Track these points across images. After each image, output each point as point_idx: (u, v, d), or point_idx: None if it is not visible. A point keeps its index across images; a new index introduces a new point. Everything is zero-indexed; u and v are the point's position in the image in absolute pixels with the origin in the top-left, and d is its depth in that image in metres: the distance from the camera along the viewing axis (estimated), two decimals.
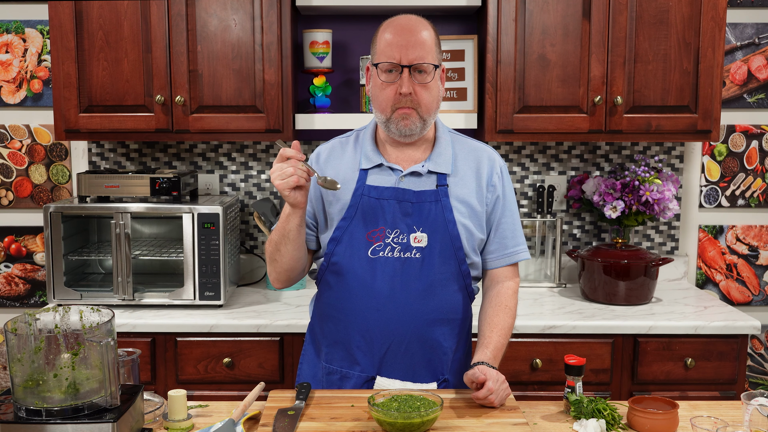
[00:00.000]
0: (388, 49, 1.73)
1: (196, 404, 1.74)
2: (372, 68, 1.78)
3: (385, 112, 1.76)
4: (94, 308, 1.50)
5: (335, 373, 1.84)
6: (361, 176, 1.80)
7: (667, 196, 2.74)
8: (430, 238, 1.77)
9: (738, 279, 3.15)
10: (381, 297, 1.76)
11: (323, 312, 1.87)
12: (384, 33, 1.76)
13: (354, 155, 1.85)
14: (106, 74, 2.65)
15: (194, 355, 2.49)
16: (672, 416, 1.58)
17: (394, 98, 1.73)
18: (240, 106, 2.67)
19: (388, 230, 1.77)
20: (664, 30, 2.64)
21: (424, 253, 1.77)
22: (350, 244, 1.78)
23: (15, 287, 3.13)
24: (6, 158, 3.08)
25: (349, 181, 1.81)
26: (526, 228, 3.09)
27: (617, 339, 2.50)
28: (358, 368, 1.81)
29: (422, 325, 1.78)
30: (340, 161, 1.85)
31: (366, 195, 1.78)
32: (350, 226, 1.78)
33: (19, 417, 1.39)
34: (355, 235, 1.78)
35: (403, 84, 1.71)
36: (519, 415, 1.62)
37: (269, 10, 2.62)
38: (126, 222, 2.58)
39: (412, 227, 1.77)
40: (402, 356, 1.79)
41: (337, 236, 1.79)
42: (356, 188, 1.79)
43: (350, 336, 1.81)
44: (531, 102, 2.68)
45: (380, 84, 1.75)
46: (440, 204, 1.78)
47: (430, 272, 1.77)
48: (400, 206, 1.77)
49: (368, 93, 1.82)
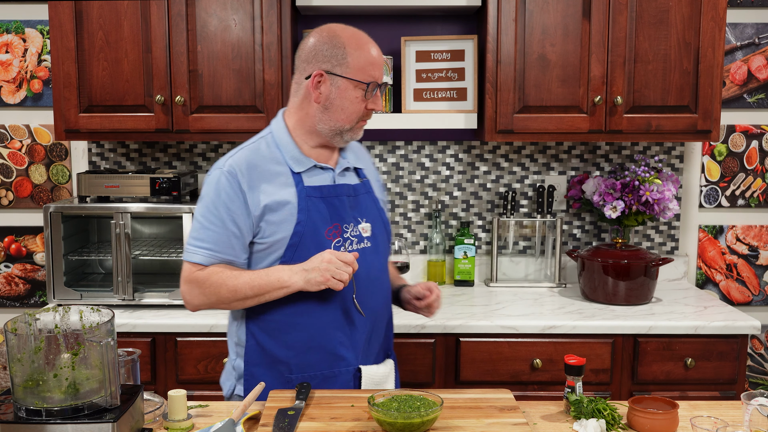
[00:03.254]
0: (371, 68, 1.80)
1: (196, 404, 1.74)
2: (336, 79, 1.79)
3: (349, 123, 1.83)
4: (94, 308, 1.50)
5: (314, 378, 1.82)
6: (297, 179, 1.81)
7: (667, 196, 2.74)
8: (372, 227, 1.90)
9: (738, 279, 3.15)
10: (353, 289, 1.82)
11: (284, 324, 1.82)
12: (360, 50, 1.80)
13: (275, 160, 1.82)
14: (106, 74, 2.66)
15: (194, 355, 2.49)
16: (672, 416, 1.58)
17: (363, 112, 1.83)
18: (240, 106, 2.67)
19: (345, 225, 1.84)
20: (664, 30, 2.64)
21: (372, 242, 1.89)
22: (312, 246, 1.78)
23: (15, 287, 3.13)
24: (6, 158, 3.08)
25: (284, 185, 1.80)
26: (526, 228, 3.10)
27: (617, 339, 2.50)
28: (343, 363, 1.83)
29: (385, 307, 1.94)
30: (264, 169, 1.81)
31: (312, 196, 1.80)
32: (306, 229, 1.78)
33: (19, 417, 1.39)
34: (314, 236, 1.79)
35: (378, 102, 1.84)
36: (519, 415, 1.62)
37: (269, 10, 2.62)
38: (126, 222, 2.59)
39: (358, 219, 1.87)
40: (374, 341, 1.91)
41: (295, 241, 1.78)
42: (299, 191, 1.80)
43: (330, 336, 1.81)
44: (531, 102, 2.68)
45: (354, 98, 1.80)
46: (370, 195, 1.93)
47: (381, 257, 1.92)
48: (347, 201, 1.86)
49: (318, 100, 1.80)
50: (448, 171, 3.07)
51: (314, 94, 1.81)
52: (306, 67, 1.82)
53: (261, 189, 1.78)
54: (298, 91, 1.85)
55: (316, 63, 1.80)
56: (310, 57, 1.81)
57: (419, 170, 3.07)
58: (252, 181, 1.78)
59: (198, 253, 1.79)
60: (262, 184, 1.79)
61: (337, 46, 1.79)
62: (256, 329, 1.84)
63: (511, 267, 3.09)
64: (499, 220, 2.98)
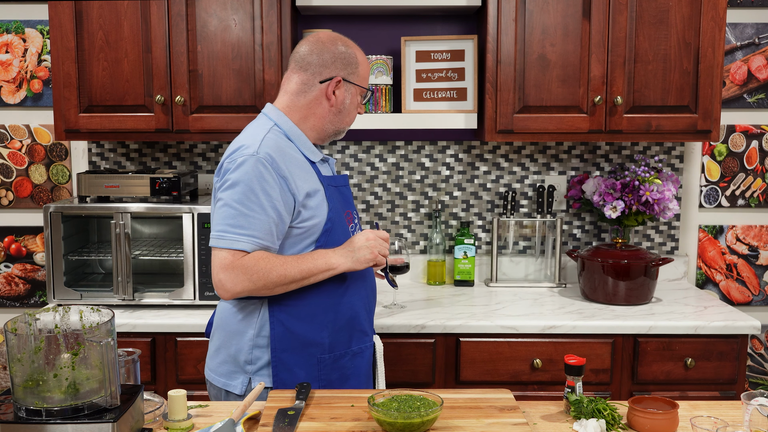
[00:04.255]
0: (367, 76, 2.02)
1: (196, 404, 1.74)
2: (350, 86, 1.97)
3: (350, 125, 2.03)
4: (94, 308, 1.50)
5: (345, 356, 1.93)
6: (316, 168, 1.95)
7: (667, 196, 2.74)
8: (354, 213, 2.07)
9: (738, 279, 3.15)
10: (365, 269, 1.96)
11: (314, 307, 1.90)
12: (364, 61, 2.00)
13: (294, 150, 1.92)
14: (106, 74, 2.66)
15: (194, 355, 2.49)
16: (672, 416, 1.58)
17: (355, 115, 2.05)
18: (240, 106, 2.67)
19: (354, 212, 2.04)
20: (664, 30, 2.64)
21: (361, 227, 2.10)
22: (340, 230, 1.93)
23: (15, 287, 3.13)
24: (6, 158, 3.08)
25: (310, 173, 1.92)
26: (526, 228, 3.10)
27: (617, 339, 2.50)
28: (367, 339, 2.00)
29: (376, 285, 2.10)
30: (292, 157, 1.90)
31: (329, 184, 1.96)
32: (335, 215, 1.92)
33: (19, 417, 1.39)
34: (341, 221, 1.95)
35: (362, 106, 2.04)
36: (519, 415, 1.62)
37: (269, 10, 2.62)
38: (126, 222, 2.59)
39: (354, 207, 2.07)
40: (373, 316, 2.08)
41: (329, 227, 1.90)
42: (321, 180, 1.94)
43: (356, 312, 1.96)
44: (531, 102, 2.68)
45: (357, 104, 2.00)
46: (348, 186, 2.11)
47: None
48: (346, 190, 2.05)
49: (333, 104, 1.96)
50: (448, 171, 3.07)
51: (331, 98, 1.94)
52: (322, 71, 1.93)
53: (298, 175, 1.87)
54: (307, 91, 1.94)
55: (335, 69, 1.94)
56: (329, 62, 1.93)
57: (419, 170, 3.07)
58: (289, 167, 1.86)
59: (241, 240, 1.80)
60: (297, 171, 1.87)
61: (351, 56, 1.96)
62: (282, 315, 1.88)
63: (511, 267, 3.09)
64: (499, 220, 2.98)
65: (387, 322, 2.45)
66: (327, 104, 1.95)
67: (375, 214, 3.09)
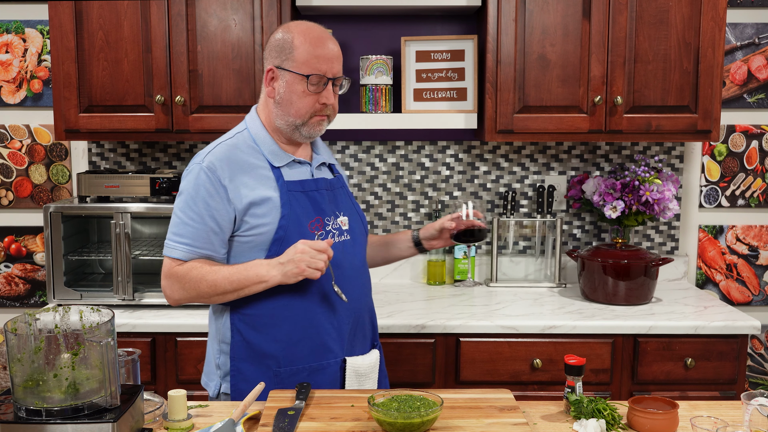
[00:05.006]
0: (316, 61, 1.81)
1: (196, 404, 1.74)
2: (285, 73, 1.82)
3: (301, 118, 1.84)
4: (94, 308, 1.50)
5: (301, 372, 1.83)
6: (277, 174, 1.84)
7: (667, 196, 2.74)
8: (349, 220, 1.93)
9: (738, 279, 3.15)
10: (337, 279, 1.84)
11: (270, 318, 1.82)
12: (306, 44, 1.82)
13: (254, 155, 1.85)
14: (106, 74, 2.66)
15: (194, 355, 2.49)
16: (672, 416, 1.58)
17: (315, 107, 1.83)
18: (240, 106, 2.67)
19: (326, 218, 1.87)
20: (664, 30, 2.64)
21: (351, 235, 1.92)
22: (297, 239, 1.78)
23: (15, 287, 3.13)
24: (6, 158, 3.08)
25: (265, 179, 1.83)
26: (526, 228, 3.10)
27: (617, 339, 2.50)
28: (332, 355, 1.85)
29: (367, 297, 1.97)
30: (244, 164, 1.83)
31: (293, 190, 1.83)
32: (290, 222, 1.80)
33: (19, 417, 1.39)
34: (298, 229, 1.81)
35: (330, 96, 1.84)
36: (519, 415, 1.62)
37: (269, 10, 2.62)
38: (126, 222, 2.59)
39: (336, 212, 1.90)
40: (359, 332, 1.93)
41: (281, 235, 1.80)
42: (280, 186, 1.82)
43: (318, 327, 1.83)
44: (531, 102, 2.68)
45: (301, 92, 1.81)
46: (344, 190, 1.98)
47: (360, 249, 1.95)
48: (326, 194, 1.90)
49: (272, 95, 1.85)
50: (448, 171, 3.07)
51: (267, 90, 1.86)
52: (264, 64, 1.87)
53: (243, 183, 1.80)
54: (263, 89, 1.90)
55: (270, 59, 1.86)
56: (267, 53, 1.87)
57: (419, 170, 3.07)
58: (233, 176, 1.80)
59: (177, 248, 1.80)
60: (244, 179, 1.80)
61: (287, 41, 1.83)
62: (241, 324, 1.84)
63: (511, 267, 3.09)
64: (499, 220, 2.98)
65: (387, 322, 2.45)
66: (270, 98, 1.86)
67: (375, 215, 3.09)
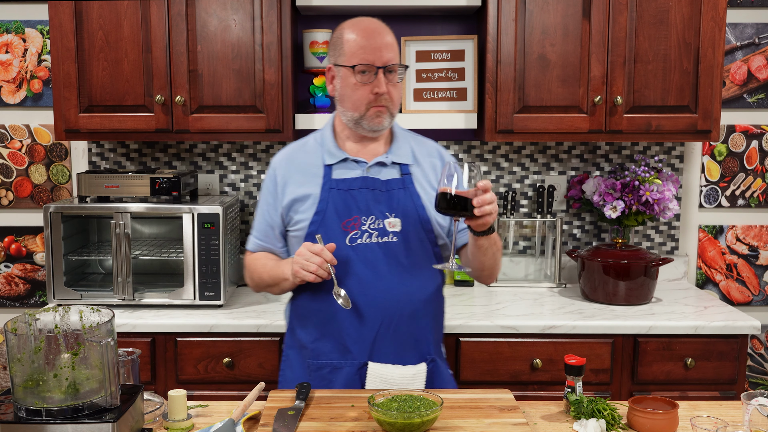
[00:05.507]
0: (361, 52, 1.83)
1: (196, 404, 1.74)
2: (339, 69, 1.87)
3: (358, 110, 1.85)
4: (94, 308, 1.50)
5: (325, 367, 1.86)
6: (326, 172, 1.90)
7: (667, 196, 2.74)
8: (403, 222, 1.86)
9: (738, 279, 3.15)
10: (365, 281, 1.83)
11: (305, 309, 1.92)
12: (352, 36, 1.86)
13: (315, 154, 1.93)
14: (106, 74, 2.66)
15: (194, 355, 2.49)
16: (672, 416, 1.58)
17: (369, 97, 1.83)
18: (240, 106, 2.67)
19: (363, 218, 1.86)
20: (664, 30, 2.64)
21: (400, 237, 1.86)
22: (326, 236, 1.83)
23: (15, 287, 3.13)
24: (6, 158, 3.08)
25: (314, 176, 1.90)
26: (526, 228, 3.10)
27: (617, 339, 2.50)
28: (350, 356, 1.85)
29: (408, 306, 1.85)
30: (302, 162, 1.93)
31: (335, 188, 1.87)
32: (324, 219, 1.85)
33: (19, 417, 1.39)
34: (330, 227, 1.85)
35: (380, 84, 1.82)
36: (519, 415, 1.62)
37: (269, 10, 2.62)
38: (126, 222, 2.58)
39: (385, 213, 1.86)
40: (391, 339, 1.85)
41: (312, 231, 1.86)
42: (323, 183, 1.88)
43: (340, 325, 1.85)
44: (531, 102, 2.68)
45: (353, 84, 1.84)
46: (408, 191, 1.89)
47: (410, 254, 1.86)
48: (371, 194, 1.87)
49: (333, 93, 1.91)
50: None
51: (329, 88, 1.93)
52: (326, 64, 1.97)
53: (294, 181, 1.91)
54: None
55: (328, 58, 1.94)
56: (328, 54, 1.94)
57: None
58: (287, 174, 1.92)
59: (250, 240, 2.02)
60: (296, 177, 1.91)
61: (338, 38, 1.89)
62: (291, 314, 1.99)
63: (511, 267, 3.09)
64: (499, 220, 2.98)
65: None
66: (333, 96, 1.93)
67: None
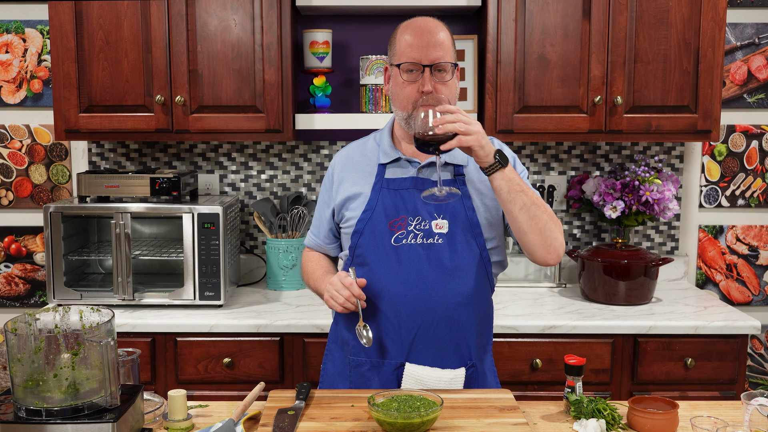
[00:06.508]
0: (409, 50, 1.81)
1: (196, 404, 1.74)
2: (392, 68, 1.86)
3: (406, 109, 1.82)
4: (94, 308, 1.50)
5: (364, 364, 1.87)
6: (380, 171, 1.90)
7: (667, 196, 2.74)
8: (451, 224, 1.83)
9: (738, 279, 3.15)
10: (408, 282, 1.81)
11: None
12: (403, 35, 1.84)
13: (372, 153, 1.95)
14: (106, 74, 2.66)
15: (194, 355, 2.49)
16: (672, 416, 1.58)
17: (415, 96, 1.80)
18: (240, 106, 2.67)
19: (410, 218, 1.84)
20: (664, 30, 2.64)
21: (446, 239, 1.82)
22: (373, 235, 1.85)
23: (15, 287, 3.13)
24: (6, 158, 3.08)
25: (368, 175, 1.91)
26: None
27: (617, 339, 2.50)
28: (388, 356, 1.85)
29: (449, 309, 1.82)
30: (358, 161, 1.95)
31: (385, 187, 1.88)
32: (372, 217, 1.86)
33: (19, 417, 1.39)
34: (377, 226, 1.85)
35: (426, 82, 1.79)
36: (519, 415, 1.62)
37: (269, 10, 2.62)
38: (126, 222, 2.58)
39: (433, 215, 1.83)
40: (430, 341, 1.83)
41: (359, 228, 1.87)
42: (375, 182, 1.89)
43: (379, 324, 1.84)
44: (531, 102, 2.68)
45: (401, 83, 1.82)
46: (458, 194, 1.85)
47: (454, 257, 1.82)
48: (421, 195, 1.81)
49: (387, 92, 1.90)
50: None
51: (385, 88, 1.92)
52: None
53: (349, 179, 1.93)
54: None
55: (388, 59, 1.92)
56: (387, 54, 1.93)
57: None
58: (344, 172, 1.95)
59: (307, 235, 2.09)
60: (351, 175, 1.93)
61: (393, 38, 1.88)
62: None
63: (511, 267, 3.09)
64: None
65: None
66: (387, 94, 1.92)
67: None
